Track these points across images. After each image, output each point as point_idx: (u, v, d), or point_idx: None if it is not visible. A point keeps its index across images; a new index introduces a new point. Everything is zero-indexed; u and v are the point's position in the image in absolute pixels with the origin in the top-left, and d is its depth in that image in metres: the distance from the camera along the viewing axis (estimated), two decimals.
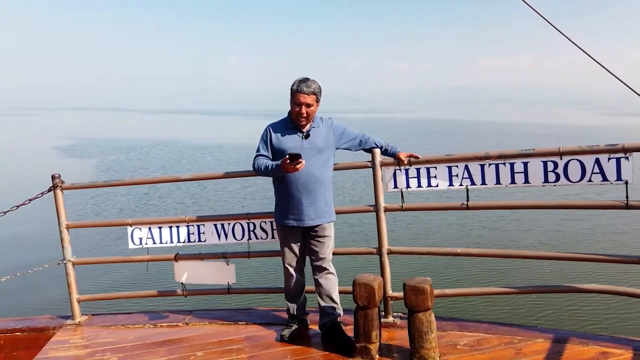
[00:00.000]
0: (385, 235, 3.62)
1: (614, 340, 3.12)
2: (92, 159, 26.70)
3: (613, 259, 3.87)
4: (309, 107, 3.21)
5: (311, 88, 3.20)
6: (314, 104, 3.23)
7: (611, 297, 3.97)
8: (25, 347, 3.81)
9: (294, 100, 3.22)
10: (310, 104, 3.21)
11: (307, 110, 3.21)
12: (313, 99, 3.21)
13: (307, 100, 3.19)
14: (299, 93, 3.19)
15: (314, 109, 3.25)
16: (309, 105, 3.20)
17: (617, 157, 3.01)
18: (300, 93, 3.19)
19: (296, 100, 3.20)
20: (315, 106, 3.24)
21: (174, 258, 3.96)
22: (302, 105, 3.19)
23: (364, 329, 3.06)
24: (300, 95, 3.19)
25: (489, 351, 3.08)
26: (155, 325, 3.87)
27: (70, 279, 4.05)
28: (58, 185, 3.96)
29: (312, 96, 3.20)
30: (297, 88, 3.20)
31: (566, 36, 2.86)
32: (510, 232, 10.67)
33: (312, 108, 3.23)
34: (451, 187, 3.45)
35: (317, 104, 3.26)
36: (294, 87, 3.22)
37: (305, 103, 3.19)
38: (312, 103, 3.21)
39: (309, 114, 3.23)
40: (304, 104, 3.19)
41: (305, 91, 3.18)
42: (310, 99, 3.19)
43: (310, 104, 3.20)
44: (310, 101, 3.20)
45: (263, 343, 3.41)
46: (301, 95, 3.19)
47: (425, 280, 2.98)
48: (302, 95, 3.18)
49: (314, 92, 3.21)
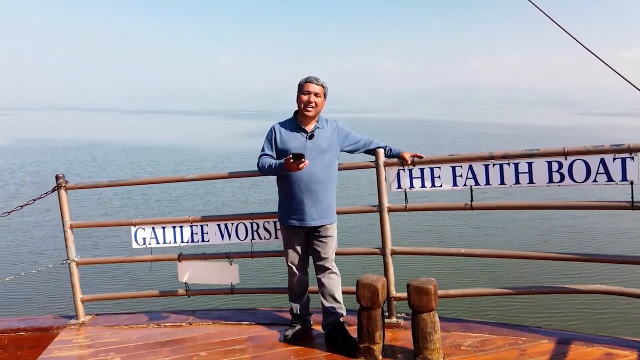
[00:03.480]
0: (388, 235, 3.61)
1: (619, 342, 3.10)
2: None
3: (618, 260, 3.86)
4: (317, 97, 3.26)
5: (320, 82, 3.30)
6: (321, 96, 3.29)
7: (616, 298, 3.95)
8: (29, 346, 3.82)
9: (303, 89, 3.27)
10: (319, 94, 3.27)
11: (315, 99, 3.25)
12: (321, 90, 3.29)
13: (315, 89, 3.26)
14: (308, 82, 3.27)
15: (321, 102, 3.30)
16: (317, 95, 3.26)
17: (623, 157, 2.99)
18: (309, 83, 3.27)
19: (305, 90, 3.26)
20: (322, 99, 3.30)
21: (177, 258, 3.97)
22: (311, 94, 3.25)
23: (367, 330, 3.05)
24: (309, 85, 3.27)
25: (493, 352, 3.07)
26: (159, 325, 3.88)
27: (74, 279, 4.05)
28: (62, 185, 3.96)
29: (320, 88, 3.28)
30: (306, 79, 3.29)
31: (570, 34, 2.84)
32: (514, 233, 10.63)
33: (319, 100, 3.28)
34: (455, 187, 3.44)
35: (324, 98, 3.32)
36: (302, 80, 3.30)
37: (314, 92, 3.25)
38: (320, 93, 3.28)
39: (317, 105, 3.27)
40: (313, 92, 3.25)
41: (315, 82, 3.27)
42: (319, 89, 3.27)
43: (318, 94, 3.27)
44: (318, 91, 3.27)
45: (266, 343, 3.41)
46: (310, 85, 3.26)
47: (429, 281, 2.97)
48: (312, 85, 3.26)
49: (323, 86, 3.30)
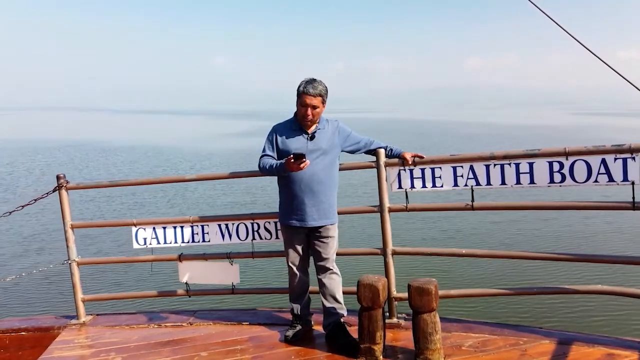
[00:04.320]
0: (389, 235, 3.61)
1: (620, 342, 3.10)
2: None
3: (619, 260, 3.85)
4: (315, 109, 3.21)
5: (317, 90, 3.19)
6: (320, 106, 3.22)
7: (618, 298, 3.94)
8: (31, 346, 3.82)
9: (300, 101, 3.21)
10: (317, 105, 3.20)
11: (312, 112, 3.20)
12: (319, 100, 3.21)
13: (313, 102, 3.18)
14: (305, 95, 3.18)
15: (319, 111, 3.25)
16: (314, 107, 3.20)
17: (624, 158, 2.98)
18: (306, 95, 3.18)
19: (302, 102, 3.20)
20: (321, 107, 3.24)
21: (178, 258, 3.97)
22: (308, 107, 3.19)
23: (368, 330, 3.04)
24: (306, 97, 3.18)
25: (494, 352, 3.06)
26: (160, 325, 3.88)
27: (75, 279, 4.05)
28: (63, 185, 3.97)
29: (318, 98, 3.19)
30: (304, 90, 3.19)
31: (571, 34, 2.84)
32: (515, 233, 10.62)
33: (317, 110, 3.22)
34: (456, 187, 3.43)
35: (323, 105, 3.25)
36: (300, 89, 3.21)
37: (311, 105, 3.18)
38: (318, 105, 3.21)
39: (315, 116, 3.23)
40: (310, 105, 3.19)
41: (312, 93, 3.18)
42: (316, 101, 3.19)
43: (316, 106, 3.20)
44: (316, 103, 3.19)
45: (267, 343, 3.41)
46: (307, 97, 3.18)
47: (430, 281, 2.96)
48: (309, 97, 3.18)
49: (320, 94, 3.20)
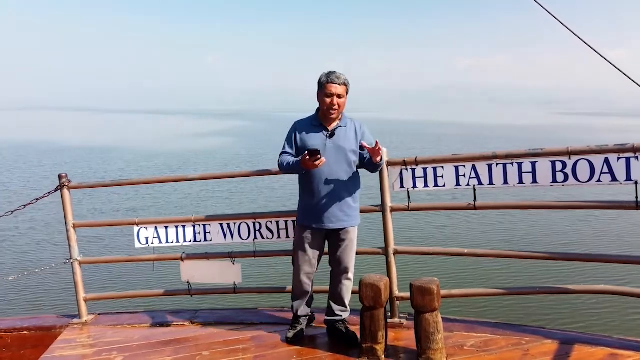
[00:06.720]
0: (391, 235, 3.60)
1: (623, 343, 3.09)
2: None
3: (623, 260, 3.84)
4: (340, 98, 3.19)
5: (341, 79, 3.18)
6: (344, 95, 3.21)
7: (621, 298, 3.94)
8: (33, 345, 3.83)
9: (325, 92, 3.18)
10: (341, 94, 3.19)
11: (338, 101, 3.18)
12: (344, 89, 3.20)
13: (338, 90, 3.17)
14: (330, 84, 3.17)
15: (344, 101, 3.22)
16: (340, 96, 3.18)
17: (627, 157, 2.97)
18: (331, 84, 3.17)
19: (327, 92, 3.17)
20: (345, 97, 3.22)
21: (180, 258, 3.96)
22: (333, 96, 3.17)
23: (370, 330, 3.04)
24: (331, 86, 3.17)
25: (496, 352, 3.06)
26: (161, 324, 3.88)
27: (77, 278, 4.06)
28: (65, 185, 3.97)
29: (342, 87, 3.19)
30: (328, 79, 3.18)
31: (574, 32, 2.83)
32: (517, 233, 10.60)
33: (342, 99, 3.21)
34: (458, 187, 3.42)
35: (346, 95, 3.23)
36: (323, 79, 3.19)
37: (337, 94, 3.17)
38: (342, 94, 3.19)
39: (340, 105, 3.21)
40: (336, 94, 3.17)
41: (336, 82, 3.17)
42: (341, 90, 3.18)
43: (341, 95, 3.18)
44: (341, 92, 3.18)
45: (269, 343, 3.40)
46: (332, 86, 3.17)
47: (432, 281, 2.96)
48: (334, 86, 3.17)
49: (345, 83, 3.20)
